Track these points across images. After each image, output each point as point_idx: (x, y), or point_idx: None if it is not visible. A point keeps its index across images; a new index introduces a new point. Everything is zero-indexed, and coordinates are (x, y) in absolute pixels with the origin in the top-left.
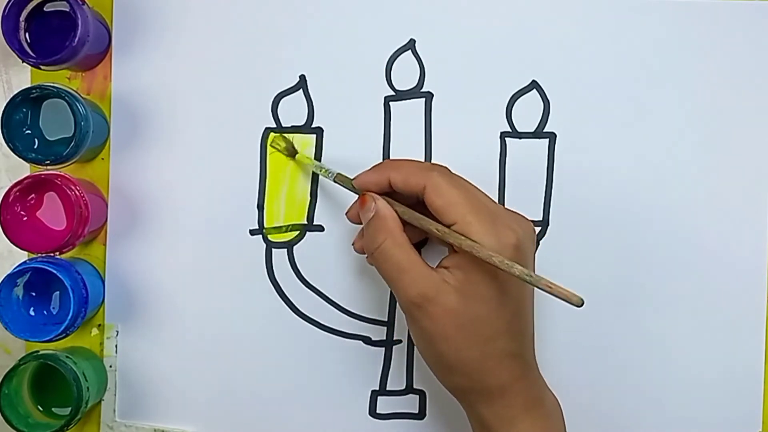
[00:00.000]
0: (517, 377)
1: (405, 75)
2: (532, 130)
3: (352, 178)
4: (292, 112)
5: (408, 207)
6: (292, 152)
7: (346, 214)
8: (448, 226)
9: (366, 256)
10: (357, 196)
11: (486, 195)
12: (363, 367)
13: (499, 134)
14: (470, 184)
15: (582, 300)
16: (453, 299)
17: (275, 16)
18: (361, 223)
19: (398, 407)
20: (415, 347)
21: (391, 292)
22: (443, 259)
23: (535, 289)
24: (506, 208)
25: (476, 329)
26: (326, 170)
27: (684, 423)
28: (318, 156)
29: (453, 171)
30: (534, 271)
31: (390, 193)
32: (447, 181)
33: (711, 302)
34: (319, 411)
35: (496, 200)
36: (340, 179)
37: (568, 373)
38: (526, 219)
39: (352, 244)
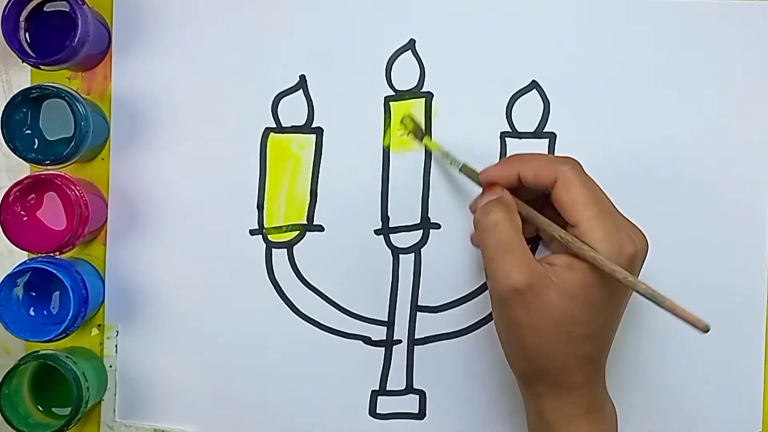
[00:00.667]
0: (587, 380)
1: (405, 75)
2: (532, 130)
3: (478, 171)
4: (292, 112)
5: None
6: (420, 135)
7: (469, 206)
8: (565, 226)
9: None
10: (481, 189)
11: (610, 199)
12: (363, 367)
13: (499, 134)
14: (597, 184)
15: (708, 326)
16: (554, 296)
17: (275, 16)
18: None
19: (398, 407)
20: (415, 347)
21: (391, 292)
22: (550, 256)
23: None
24: (627, 218)
25: (568, 329)
26: (452, 159)
27: (684, 423)
28: (318, 156)
29: (460, 173)
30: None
31: (515, 191)
32: (578, 178)
33: (711, 302)
34: (319, 411)
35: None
36: (465, 171)
37: None
38: (643, 233)
39: (471, 240)
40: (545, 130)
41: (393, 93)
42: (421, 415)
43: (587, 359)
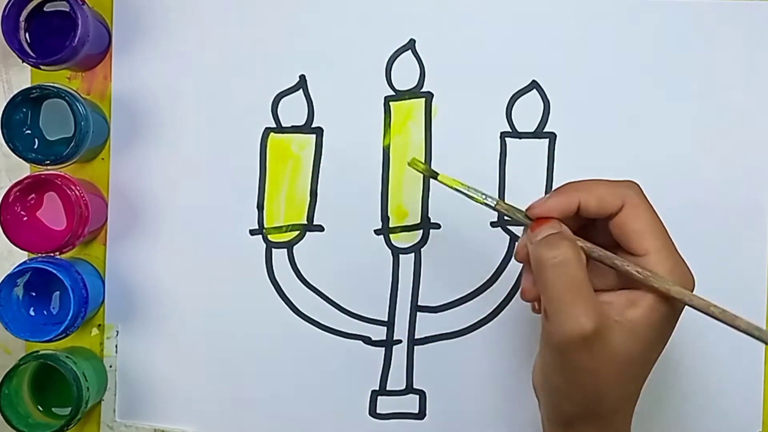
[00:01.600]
0: (627, 417)
1: (405, 75)
2: (532, 130)
3: (524, 208)
4: (292, 112)
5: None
6: (433, 174)
7: (514, 255)
8: (615, 250)
9: (521, 292)
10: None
11: None
12: (363, 367)
13: (499, 134)
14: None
15: None
16: (617, 338)
17: (275, 16)
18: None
19: (398, 407)
20: (415, 347)
21: (391, 292)
22: (606, 294)
23: None
24: None
25: (627, 370)
26: (482, 194)
27: (684, 423)
28: (318, 156)
29: (453, 171)
30: None
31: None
32: (645, 204)
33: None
34: (319, 411)
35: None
36: (502, 207)
37: None
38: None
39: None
40: (545, 130)
41: (393, 93)
42: (421, 415)
43: (633, 397)
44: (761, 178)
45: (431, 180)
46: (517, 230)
